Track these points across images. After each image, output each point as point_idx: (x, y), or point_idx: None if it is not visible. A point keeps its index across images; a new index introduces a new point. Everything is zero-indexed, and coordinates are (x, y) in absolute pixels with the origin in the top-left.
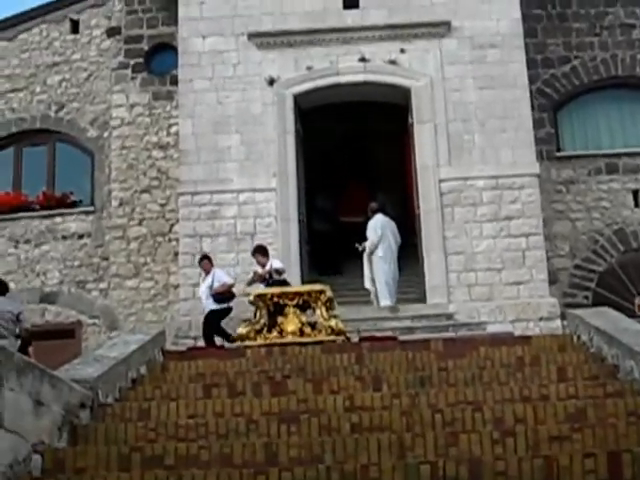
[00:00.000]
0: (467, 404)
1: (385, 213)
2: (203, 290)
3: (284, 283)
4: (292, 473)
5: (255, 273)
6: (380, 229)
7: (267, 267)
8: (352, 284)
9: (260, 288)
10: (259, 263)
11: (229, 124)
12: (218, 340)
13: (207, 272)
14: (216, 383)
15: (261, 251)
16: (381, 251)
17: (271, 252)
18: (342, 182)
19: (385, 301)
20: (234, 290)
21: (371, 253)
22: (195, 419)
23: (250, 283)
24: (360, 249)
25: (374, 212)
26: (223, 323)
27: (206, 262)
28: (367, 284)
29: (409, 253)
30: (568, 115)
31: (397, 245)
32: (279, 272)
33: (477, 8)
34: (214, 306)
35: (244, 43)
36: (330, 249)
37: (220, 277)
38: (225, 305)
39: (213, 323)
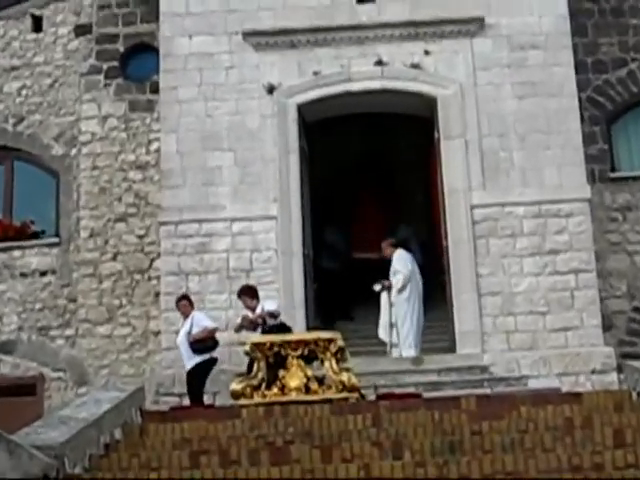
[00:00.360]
0: (506, 475)
1: (408, 249)
2: (181, 338)
3: (283, 328)
4: None
5: (244, 318)
6: (410, 265)
7: (258, 311)
8: (366, 331)
9: (254, 336)
10: (247, 307)
11: (220, 140)
12: (204, 398)
13: (186, 315)
14: (205, 450)
15: (248, 293)
16: (407, 291)
17: (271, 292)
18: (355, 210)
19: (409, 351)
20: (217, 336)
21: (398, 292)
22: None
23: (238, 330)
24: (378, 289)
25: (395, 247)
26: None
27: (184, 303)
28: (381, 333)
29: (435, 293)
30: (624, 128)
31: (421, 288)
32: (274, 315)
33: (516, 2)
34: (197, 358)
35: (238, 43)
36: (340, 291)
37: (199, 321)
38: (207, 356)
39: (199, 378)
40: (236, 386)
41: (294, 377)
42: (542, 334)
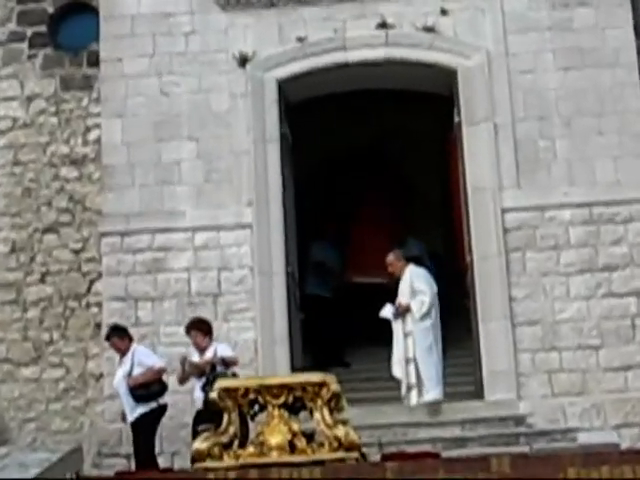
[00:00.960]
0: None
1: (423, 265)
2: (119, 381)
3: None
4: None
5: (185, 361)
6: (434, 284)
7: (209, 354)
8: (367, 372)
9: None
10: (197, 346)
11: (179, 126)
12: (159, 460)
13: (123, 353)
14: None
15: (201, 328)
16: (432, 318)
17: (245, 323)
18: (352, 217)
19: (434, 392)
20: (165, 377)
21: (420, 319)
22: None
23: (182, 379)
24: (390, 315)
25: (407, 261)
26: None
27: (117, 339)
28: (397, 371)
29: (456, 323)
30: None
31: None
32: (227, 363)
33: None
34: (141, 408)
35: (202, 2)
36: (332, 326)
37: (142, 358)
38: (154, 404)
39: (146, 434)
40: (200, 444)
41: (275, 432)
42: (595, 374)
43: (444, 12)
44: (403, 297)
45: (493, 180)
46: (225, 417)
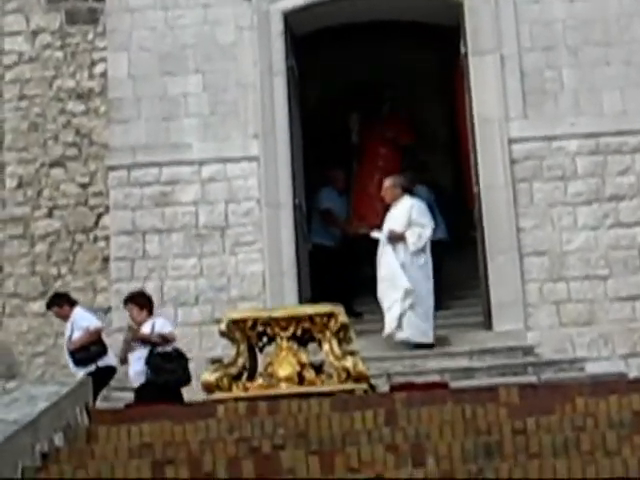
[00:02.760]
0: None
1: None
2: (65, 346)
3: (173, 359)
4: None
5: (130, 329)
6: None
7: (146, 328)
8: (376, 304)
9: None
10: (133, 320)
11: (185, 60)
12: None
13: (65, 319)
14: (171, 459)
15: (137, 301)
16: (426, 255)
17: (253, 254)
18: (357, 161)
19: (427, 335)
20: (104, 337)
21: (414, 254)
22: None
23: (124, 352)
24: (383, 237)
25: (404, 191)
26: None
27: (57, 308)
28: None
29: (464, 254)
30: None
31: None
32: (166, 339)
33: None
34: (80, 371)
35: None
36: (339, 277)
37: (79, 321)
38: (93, 367)
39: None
40: (209, 376)
41: (284, 364)
42: (602, 304)
43: None
44: (397, 225)
45: (500, 111)
46: (234, 349)
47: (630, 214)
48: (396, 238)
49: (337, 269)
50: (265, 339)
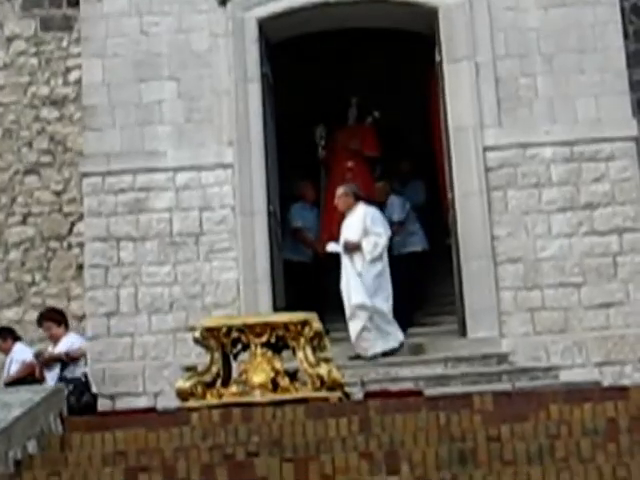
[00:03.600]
0: None
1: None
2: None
3: (80, 388)
4: None
5: (40, 354)
6: (388, 229)
7: (61, 347)
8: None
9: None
10: (52, 338)
11: (160, 66)
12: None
13: (6, 352)
14: (145, 466)
15: (53, 318)
16: (383, 263)
17: (227, 263)
18: (327, 173)
19: (390, 341)
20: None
21: (371, 262)
22: None
23: (41, 374)
24: (340, 249)
25: (356, 199)
26: None
27: (1, 341)
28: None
29: (438, 261)
30: None
31: None
32: (71, 358)
33: None
34: None
35: None
36: (312, 294)
37: (18, 355)
38: None
39: None
40: (184, 383)
41: (258, 371)
42: (576, 312)
43: None
44: (352, 235)
45: (474, 118)
46: (208, 356)
47: (604, 222)
48: (352, 248)
49: (310, 281)
50: (239, 346)
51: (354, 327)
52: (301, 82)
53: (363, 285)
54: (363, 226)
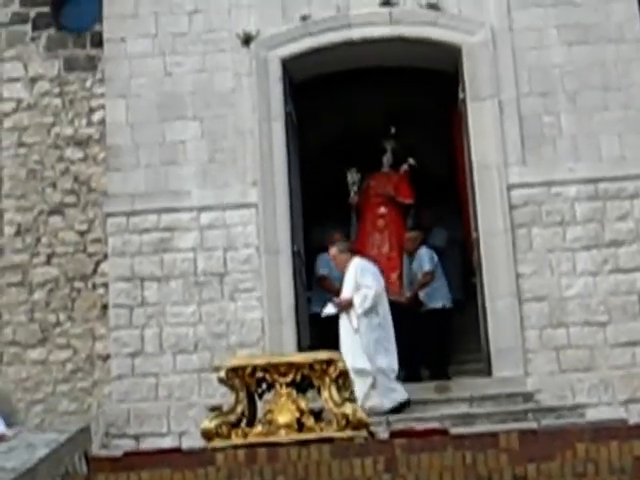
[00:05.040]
0: None
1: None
2: None
3: None
4: None
5: None
6: (380, 279)
7: None
8: None
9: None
10: None
11: (183, 106)
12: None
13: None
14: None
15: None
16: (380, 315)
17: (251, 302)
18: (360, 208)
19: (401, 395)
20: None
21: (365, 315)
22: None
23: None
24: (334, 310)
25: (349, 253)
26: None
27: None
28: (360, 362)
29: (464, 300)
30: None
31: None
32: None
33: None
34: None
35: None
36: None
37: None
38: None
39: None
40: (209, 424)
41: (283, 411)
42: (602, 350)
43: None
44: (347, 291)
45: (498, 157)
46: (233, 396)
47: (629, 259)
48: (345, 306)
49: (335, 324)
50: (264, 386)
51: (358, 389)
52: (325, 120)
53: (361, 345)
54: (354, 281)
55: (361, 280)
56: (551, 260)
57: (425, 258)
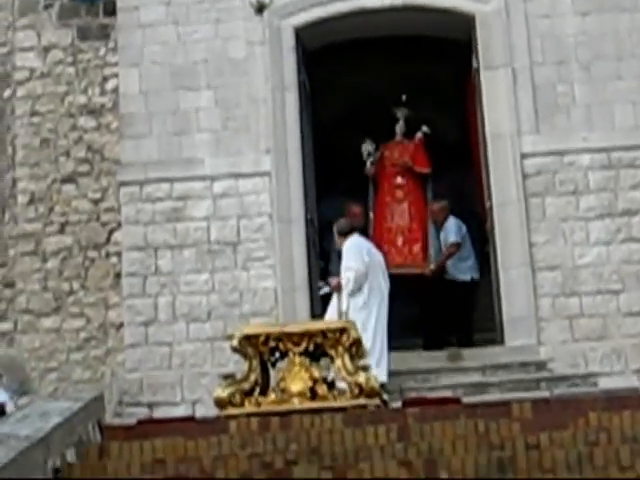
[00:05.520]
0: None
1: (364, 234)
2: None
3: None
4: None
5: None
6: (367, 256)
7: None
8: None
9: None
10: None
11: (196, 75)
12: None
13: None
14: (184, 475)
15: None
16: (365, 295)
17: (265, 270)
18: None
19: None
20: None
21: (350, 296)
22: None
23: None
24: (324, 291)
25: (346, 234)
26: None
27: None
28: None
29: (478, 267)
30: None
31: (387, 288)
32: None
33: None
34: None
35: None
36: None
37: None
38: None
39: None
40: (222, 392)
41: (296, 379)
42: (615, 319)
43: None
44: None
45: (512, 126)
46: (246, 365)
47: None
48: (335, 286)
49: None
50: (277, 354)
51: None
52: (338, 89)
53: None
54: (344, 262)
55: (345, 262)
56: (564, 229)
57: (452, 229)
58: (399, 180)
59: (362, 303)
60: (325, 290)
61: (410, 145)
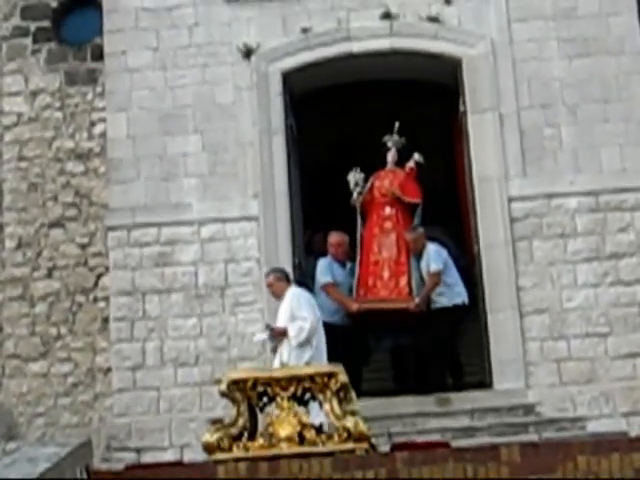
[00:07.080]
0: None
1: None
2: None
3: None
4: None
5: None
6: (318, 312)
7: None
8: (376, 363)
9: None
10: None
11: (184, 119)
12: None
13: None
14: None
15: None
16: (313, 348)
17: (253, 314)
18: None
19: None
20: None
21: (298, 346)
22: None
23: None
24: (262, 337)
25: (288, 281)
26: None
27: None
28: None
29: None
30: None
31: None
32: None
33: None
34: None
35: None
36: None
37: None
38: None
39: None
40: (210, 437)
41: (285, 424)
42: (603, 362)
43: (448, 1)
44: (282, 320)
45: (499, 169)
46: (234, 409)
47: (630, 272)
48: (277, 335)
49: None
50: (265, 399)
51: None
52: (326, 132)
53: None
54: (290, 311)
55: (297, 312)
56: (552, 272)
57: (432, 256)
58: (387, 211)
59: (308, 358)
60: (262, 337)
61: (401, 174)
